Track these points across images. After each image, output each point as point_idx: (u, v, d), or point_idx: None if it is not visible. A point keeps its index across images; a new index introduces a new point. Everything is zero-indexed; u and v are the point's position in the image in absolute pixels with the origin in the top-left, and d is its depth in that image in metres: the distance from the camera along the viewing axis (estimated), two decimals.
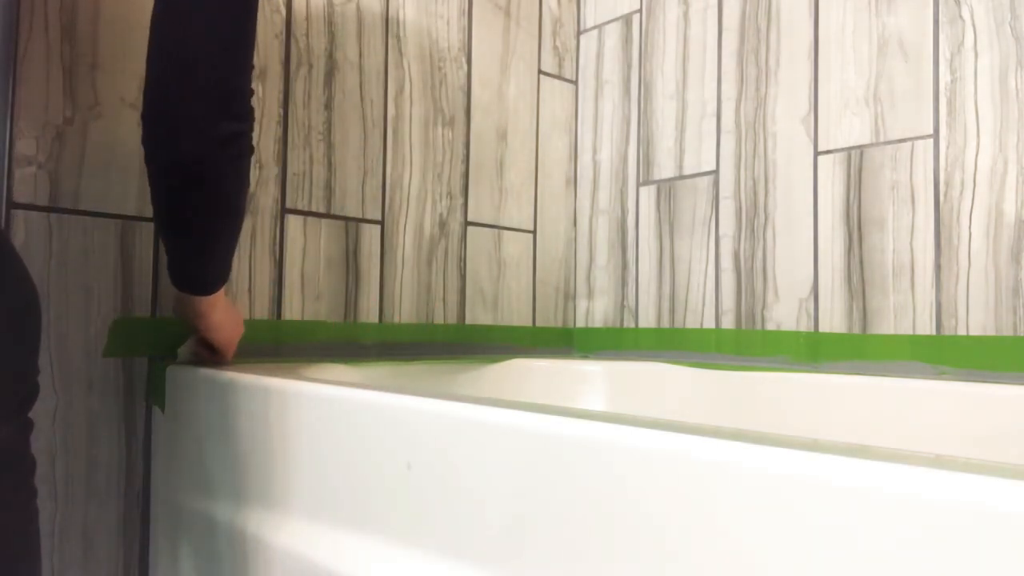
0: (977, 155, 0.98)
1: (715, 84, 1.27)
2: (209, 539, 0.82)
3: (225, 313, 0.88)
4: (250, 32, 0.73)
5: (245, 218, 1.04)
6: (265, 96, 1.06)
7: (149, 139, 0.73)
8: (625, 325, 1.38)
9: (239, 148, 0.74)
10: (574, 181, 1.49)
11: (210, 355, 0.91)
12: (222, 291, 0.85)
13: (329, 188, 1.13)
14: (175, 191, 0.74)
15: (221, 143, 0.72)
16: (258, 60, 1.05)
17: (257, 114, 1.05)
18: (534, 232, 1.41)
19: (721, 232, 1.25)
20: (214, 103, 0.71)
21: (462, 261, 1.30)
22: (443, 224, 1.27)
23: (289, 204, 1.09)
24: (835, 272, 1.10)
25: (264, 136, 1.06)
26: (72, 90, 0.90)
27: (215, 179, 0.73)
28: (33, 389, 0.63)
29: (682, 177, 1.31)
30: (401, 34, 1.22)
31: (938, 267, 1.01)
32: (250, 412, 0.77)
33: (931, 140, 1.02)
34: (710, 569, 0.40)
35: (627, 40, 1.42)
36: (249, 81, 0.74)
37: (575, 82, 1.49)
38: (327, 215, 1.13)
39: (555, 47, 1.46)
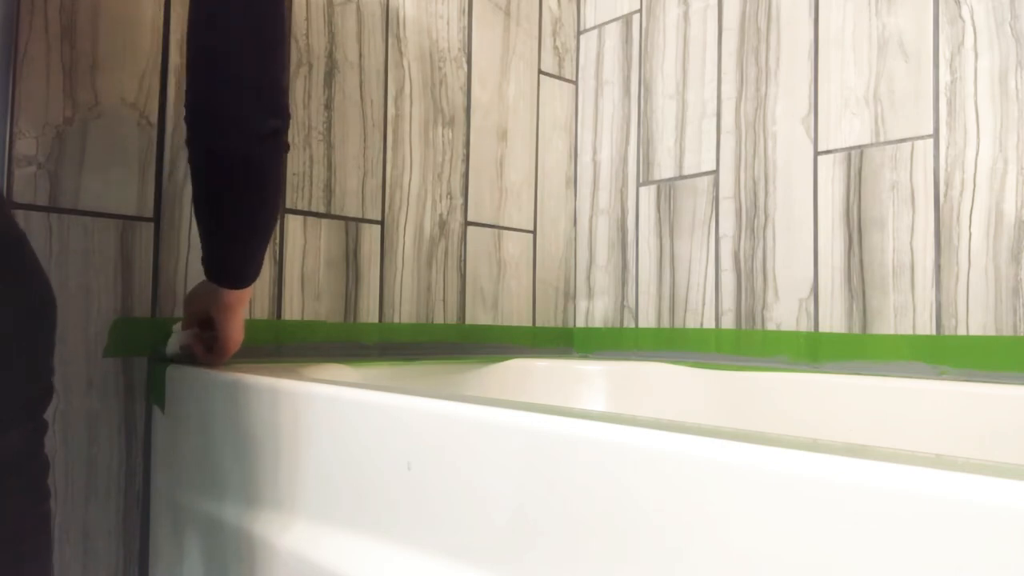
0: (977, 155, 0.98)
1: (715, 84, 1.27)
2: (209, 539, 0.82)
3: (243, 314, 0.90)
4: (286, 30, 0.76)
5: None
6: None
7: (196, 138, 0.76)
8: (625, 325, 1.38)
9: (280, 144, 0.77)
10: (574, 181, 1.49)
11: (205, 355, 0.91)
12: (251, 288, 0.87)
13: (329, 188, 1.13)
14: (221, 187, 0.77)
15: (265, 139, 0.75)
16: None
17: None
18: (534, 232, 1.41)
19: (721, 232, 1.25)
20: (259, 101, 0.74)
21: (462, 261, 1.30)
22: (443, 224, 1.27)
23: (289, 204, 1.09)
24: (835, 272, 1.10)
25: None
26: (72, 90, 0.90)
27: (259, 174, 0.77)
28: (47, 390, 0.63)
29: (682, 177, 1.31)
30: (401, 34, 1.22)
31: (938, 267, 1.01)
32: (250, 412, 0.77)
33: (931, 140, 1.02)
34: (711, 568, 0.40)
35: (627, 40, 1.42)
36: (287, 78, 0.76)
37: (575, 82, 1.49)
38: (327, 215, 1.13)
39: (555, 47, 1.46)
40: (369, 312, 1.17)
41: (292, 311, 1.09)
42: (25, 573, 0.59)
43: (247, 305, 0.90)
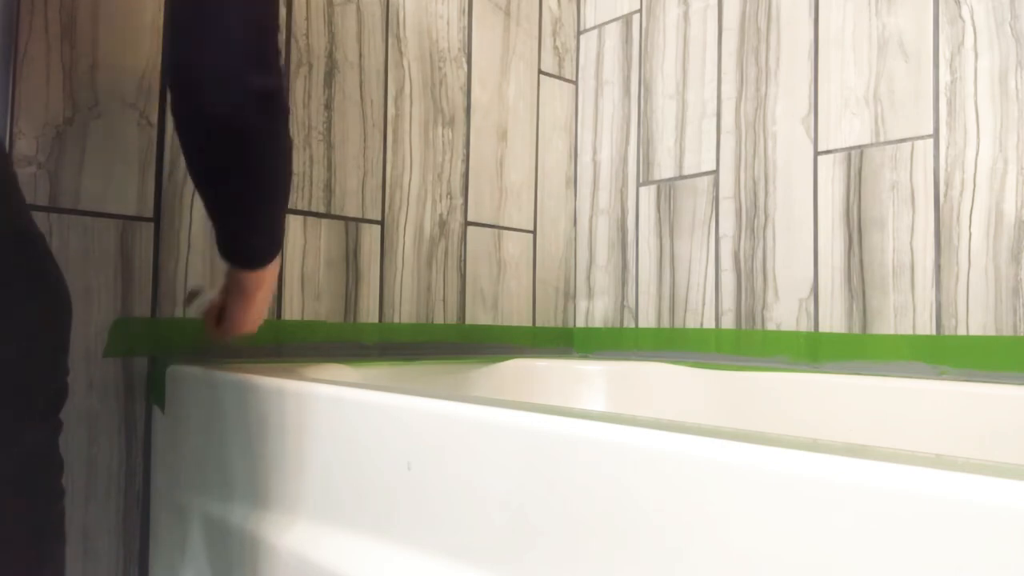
0: (977, 155, 0.98)
1: (715, 84, 1.27)
2: (209, 539, 0.82)
3: (265, 297, 0.84)
4: None
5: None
6: None
7: (179, 102, 0.69)
8: (625, 325, 1.38)
9: (272, 106, 0.70)
10: (574, 181, 1.49)
11: (211, 326, 0.88)
12: (272, 268, 0.81)
13: (329, 188, 1.13)
14: (207, 151, 0.70)
15: (251, 97, 0.68)
16: None
17: None
18: (534, 232, 1.41)
19: (721, 232, 1.25)
20: (241, 54, 0.67)
21: (462, 261, 1.30)
22: (443, 224, 1.27)
23: (289, 204, 1.09)
24: (835, 272, 1.10)
25: None
26: (72, 90, 0.90)
27: (247, 137, 0.69)
28: (62, 390, 0.63)
29: (682, 177, 1.31)
30: (401, 34, 1.22)
31: (938, 267, 1.01)
32: (250, 412, 0.77)
33: (931, 140, 1.02)
34: (711, 568, 0.40)
35: (627, 40, 1.42)
36: (276, 41, 0.70)
37: (575, 82, 1.49)
38: (327, 215, 1.13)
39: (555, 47, 1.46)
40: (369, 312, 1.17)
41: (292, 311, 1.09)
42: (41, 573, 0.59)
43: (270, 294, 0.85)
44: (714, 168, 1.26)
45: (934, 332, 1.00)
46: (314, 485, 0.69)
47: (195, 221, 1.00)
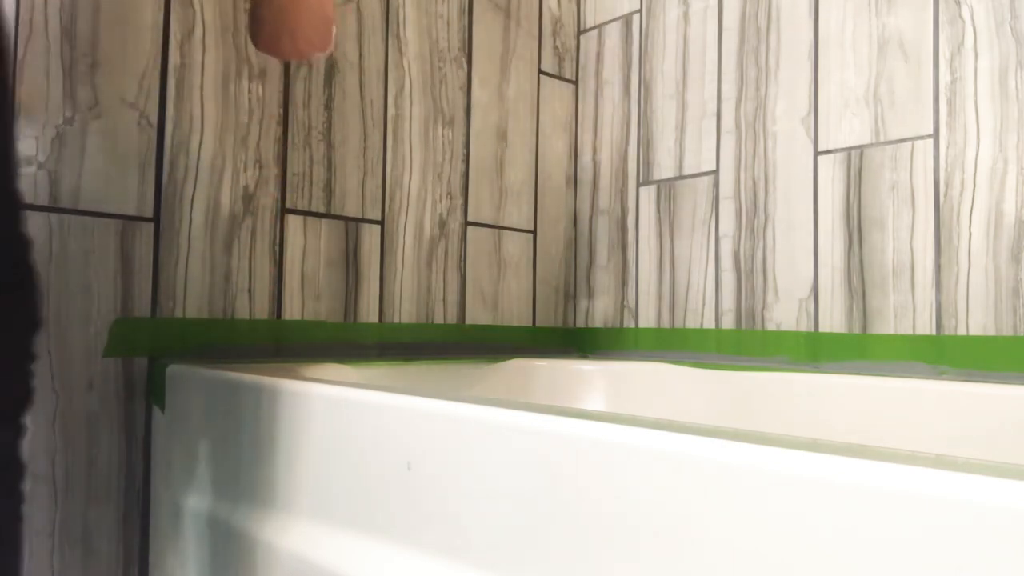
0: (977, 155, 0.98)
1: (715, 84, 1.27)
2: (209, 539, 0.82)
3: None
4: None
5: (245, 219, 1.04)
6: (265, 96, 1.06)
7: None
8: (625, 325, 1.38)
9: None
10: (574, 181, 1.48)
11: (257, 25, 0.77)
12: None
13: (329, 188, 1.13)
14: None
15: None
16: (258, 60, 1.05)
17: (257, 114, 1.05)
18: (534, 232, 1.41)
19: (721, 232, 1.25)
20: None
21: (462, 261, 1.30)
22: (443, 224, 1.27)
23: (289, 204, 1.09)
24: (835, 272, 1.10)
25: (264, 136, 1.06)
26: (72, 90, 0.90)
27: None
28: (29, 392, 0.63)
29: (682, 177, 1.31)
30: (401, 34, 1.22)
31: (938, 267, 1.01)
32: (250, 412, 0.77)
33: (931, 140, 1.02)
34: (711, 568, 0.40)
35: (627, 40, 1.42)
36: None
37: (575, 82, 1.49)
38: (327, 215, 1.13)
39: (555, 47, 1.46)
40: (369, 312, 1.17)
41: (292, 311, 1.09)
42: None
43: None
44: (714, 168, 1.26)
45: (934, 332, 1.00)
46: (314, 485, 0.69)
47: (195, 221, 1.00)
